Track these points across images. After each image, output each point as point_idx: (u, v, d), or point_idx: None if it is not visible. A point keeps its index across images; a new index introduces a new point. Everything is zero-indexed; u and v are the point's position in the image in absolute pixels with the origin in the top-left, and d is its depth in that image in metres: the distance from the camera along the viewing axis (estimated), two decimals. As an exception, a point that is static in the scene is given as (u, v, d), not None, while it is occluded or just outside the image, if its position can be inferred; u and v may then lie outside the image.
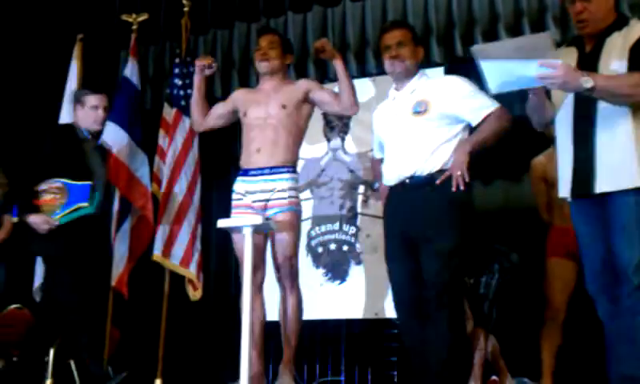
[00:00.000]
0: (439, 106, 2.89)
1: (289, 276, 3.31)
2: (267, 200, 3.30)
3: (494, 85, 2.50)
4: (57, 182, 3.61)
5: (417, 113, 2.91)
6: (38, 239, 3.61)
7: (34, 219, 3.56)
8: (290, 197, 3.32)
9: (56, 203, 3.60)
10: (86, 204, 3.60)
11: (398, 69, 2.98)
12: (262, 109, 3.39)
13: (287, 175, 3.33)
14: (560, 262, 3.52)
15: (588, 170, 2.48)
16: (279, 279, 3.34)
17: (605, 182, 2.44)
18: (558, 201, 3.63)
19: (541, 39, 2.43)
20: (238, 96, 3.60)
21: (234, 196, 3.42)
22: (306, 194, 4.82)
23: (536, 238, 3.74)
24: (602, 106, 2.46)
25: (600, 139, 2.46)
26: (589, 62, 2.50)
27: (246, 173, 3.38)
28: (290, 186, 3.32)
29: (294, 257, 3.34)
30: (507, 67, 2.41)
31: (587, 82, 2.35)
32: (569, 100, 2.55)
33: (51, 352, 3.84)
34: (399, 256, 2.91)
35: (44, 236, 3.57)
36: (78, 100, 3.82)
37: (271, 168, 3.32)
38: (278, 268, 3.33)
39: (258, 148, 3.36)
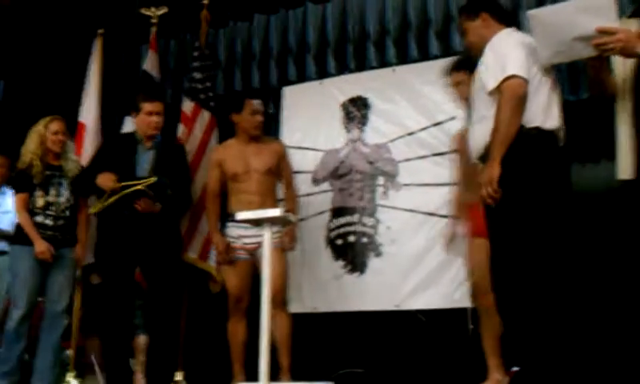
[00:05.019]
0: None
1: (281, 302, 3.75)
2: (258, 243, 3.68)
3: (546, 55, 2.37)
4: None
5: None
6: None
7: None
8: (277, 236, 3.73)
9: None
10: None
11: None
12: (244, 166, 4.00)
13: None
14: (482, 242, 3.02)
15: None
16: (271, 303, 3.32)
17: None
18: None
19: (604, 1, 2.24)
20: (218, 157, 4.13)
21: (228, 238, 3.96)
22: (325, 185, 4.80)
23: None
24: None
25: None
26: None
27: (234, 219, 3.76)
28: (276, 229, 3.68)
29: (285, 287, 3.84)
30: (562, 34, 2.27)
31: None
32: (630, 73, 2.39)
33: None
34: None
35: None
36: (135, 107, 4.15)
37: None
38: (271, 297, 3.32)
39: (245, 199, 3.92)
